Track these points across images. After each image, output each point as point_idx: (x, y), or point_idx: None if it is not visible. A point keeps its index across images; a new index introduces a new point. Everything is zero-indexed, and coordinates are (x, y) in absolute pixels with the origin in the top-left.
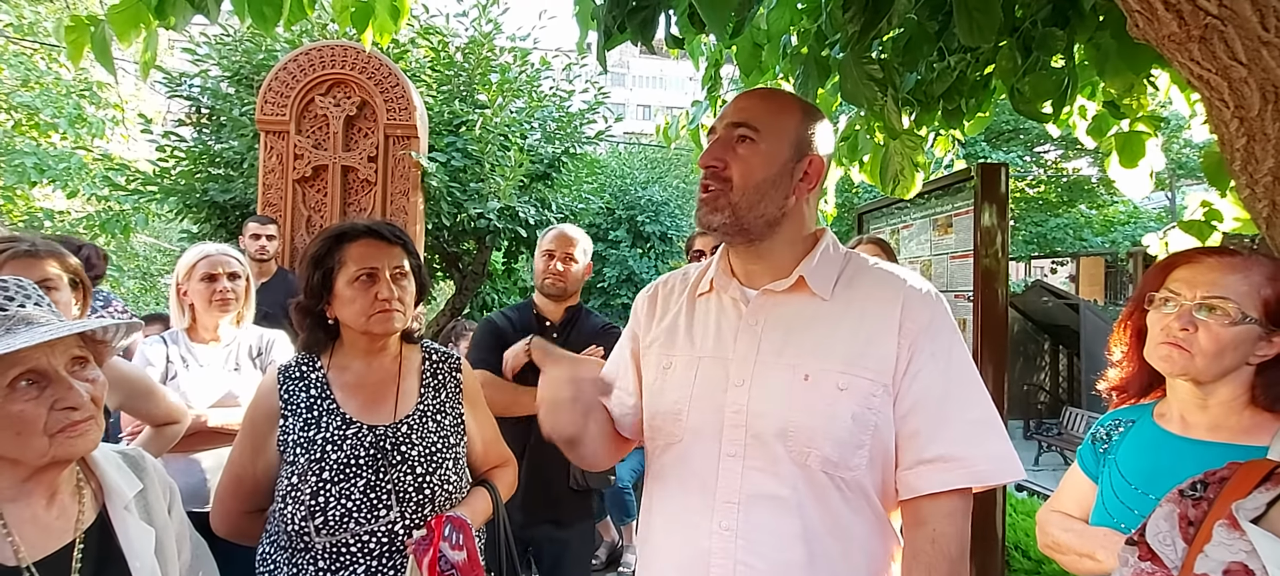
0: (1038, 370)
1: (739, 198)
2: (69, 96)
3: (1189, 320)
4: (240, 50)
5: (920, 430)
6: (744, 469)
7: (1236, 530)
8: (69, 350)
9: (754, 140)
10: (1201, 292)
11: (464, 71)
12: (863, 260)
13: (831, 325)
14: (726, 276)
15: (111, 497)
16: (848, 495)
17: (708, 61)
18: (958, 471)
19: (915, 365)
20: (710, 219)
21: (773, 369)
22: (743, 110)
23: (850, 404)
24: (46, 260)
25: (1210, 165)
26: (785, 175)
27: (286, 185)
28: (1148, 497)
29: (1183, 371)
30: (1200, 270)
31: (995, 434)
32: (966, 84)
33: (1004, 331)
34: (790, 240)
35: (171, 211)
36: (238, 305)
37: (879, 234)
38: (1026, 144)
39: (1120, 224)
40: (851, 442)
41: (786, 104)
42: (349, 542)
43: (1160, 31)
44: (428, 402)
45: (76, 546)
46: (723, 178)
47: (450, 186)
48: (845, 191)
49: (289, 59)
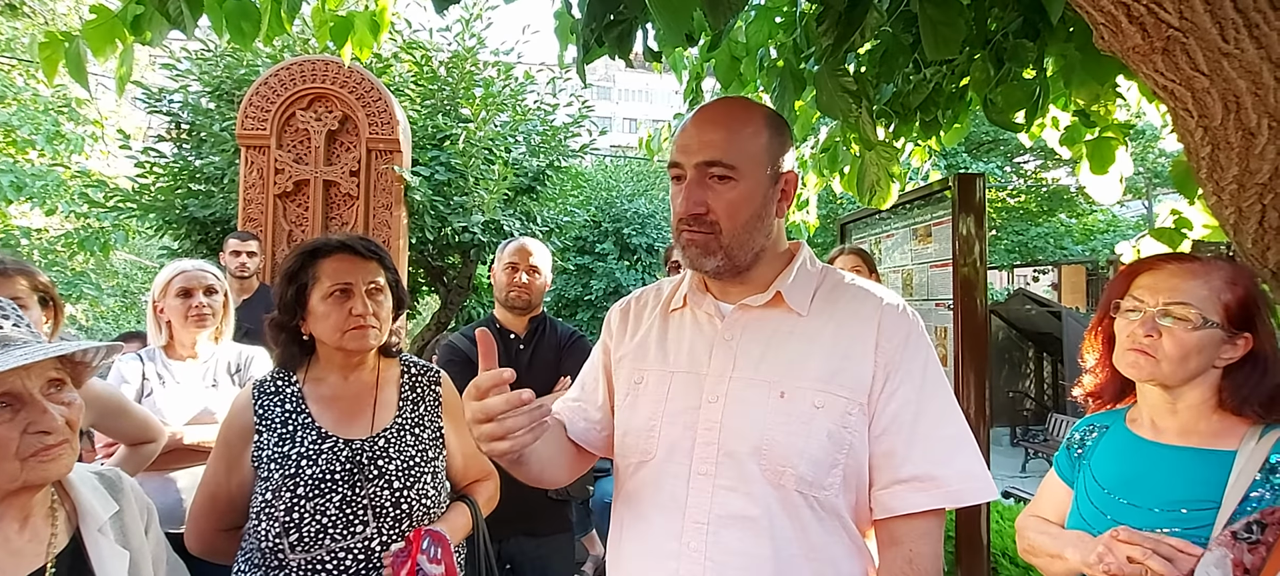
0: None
1: (730, 240)
2: (47, 113)
3: (1153, 326)
4: (221, 65)
5: (895, 450)
6: (715, 488)
7: None
8: (46, 372)
9: (733, 179)
10: (1163, 299)
11: (447, 86)
12: (839, 276)
13: (808, 342)
14: (700, 292)
15: (85, 520)
16: (821, 515)
17: (690, 75)
18: (932, 492)
19: (891, 384)
20: (703, 263)
21: (748, 386)
22: (712, 146)
23: (826, 422)
24: (15, 278)
25: (1179, 173)
26: (768, 204)
27: (267, 200)
28: (1120, 502)
29: (1150, 377)
30: (1161, 277)
31: (969, 453)
32: (943, 96)
33: (984, 339)
34: (770, 259)
35: (151, 228)
36: (215, 321)
37: (861, 243)
38: (1006, 154)
39: (1099, 232)
40: (827, 461)
41: (753, 128)
42: (324, 559)
43: (1125, 44)
44: (406, 416)
45: (47, 570)
46: (708, 222)
47: (434, 200)
48: (829, 202)
49: (270, 73)
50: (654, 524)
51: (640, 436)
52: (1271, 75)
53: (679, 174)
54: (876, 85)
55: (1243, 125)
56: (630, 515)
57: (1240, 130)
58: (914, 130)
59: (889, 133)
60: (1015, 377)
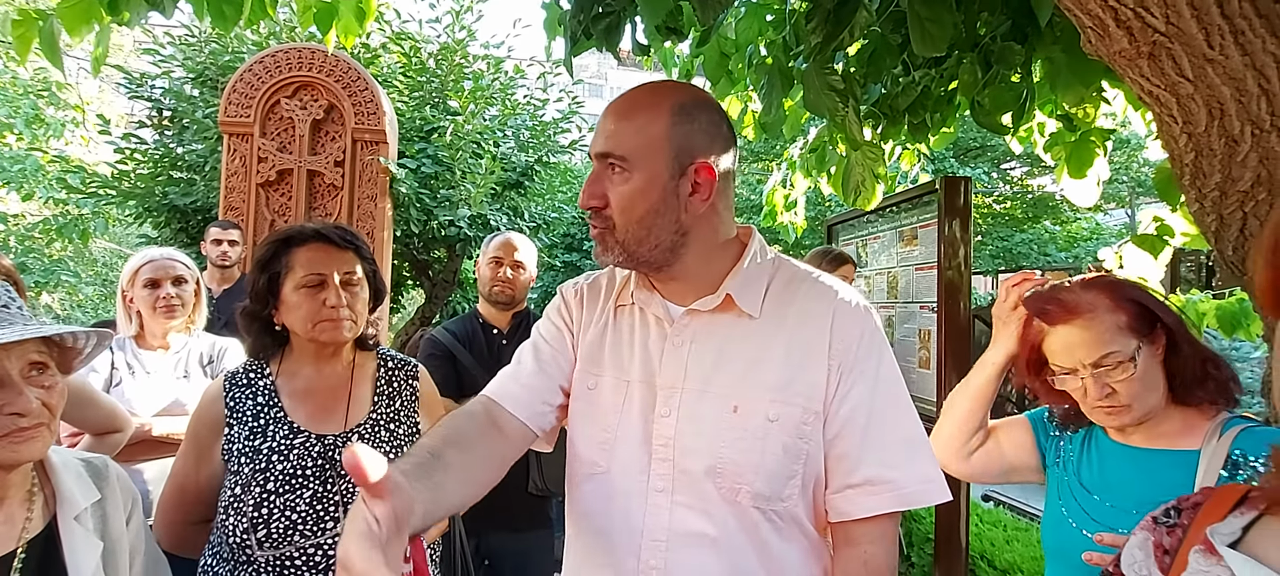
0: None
1: (624, 235)
2: (26, 96)
3: (1102, 386)
4: (205, 51)
5: (848, 453)
6: (672, 505)
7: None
8: (26, 355)
9: (625, 170)
10: (1083, 358)
11: (436, 78)
12: (792, 267)
13: (760, 348)
14: (647, 291)
15: (63, 506)
16: (779, 525)
17: (680, 72)
18: (886, 495)
19: (844, 386)
20: (604, 259)
21: (700, 399)
22: (607, 136)
23: (781, 435)
24: None
25: (1161, 180)
26: (670, 197)
27: (250, 189)
28: (1104, 504)
29: (1135, 421)
30: (1067, 339)
31: (922, 455)
32: (931, 99)
33: (967, 342)
34: (703, 254)
35: (131, 216)
36: (185, 312)
37: (847, 245)
38: (993, 161)
39: (1083, 240)
40: (783, 474)
41: (652, 115)
42: (293, 556)
43: (1111, 48)
44: (381, 411)
45: (17, 555)
46: (604, 216)
47: (420, 193)
48: (817, 204)
49: (255, 60)
50: (610, 540)
51: (592, 447)
52: (1255, 82)
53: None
54: (864, 85)
55: (1226, 132)
56: (585, 529)
57: (1223, 137)
58: (902, 132)
59: (876, 134)
60: None
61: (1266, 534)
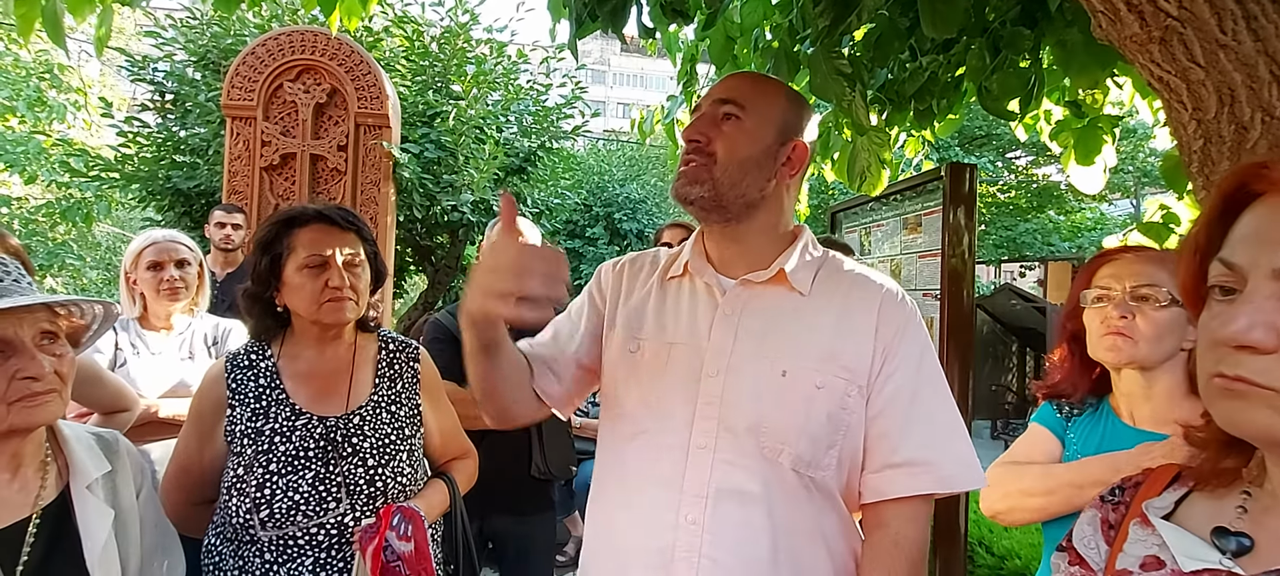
0: (1005, 371)
1: (721, 173)
2: (28, 79)
3: (1126, 308)
4: (208, 34)
5: (888, 433)
6: (714, 461)
7: (1148, 526)
8: (38, 323)
9: (740, 118)
10: (1130, 283)
11: (439, 62)
12: (839, 261)
13: (811, 322)
14: (702, 261)
15: (75, 476)
16: (815, 495)
17: (684, 57)
18: (924, 477)
19: (888, 368)
20: (688, 191)
21: (750, 361)
22: (730, 88)
23: (826, 403)
24: None
25: (1168, 168)
26: (769, 157)
27: (253, 173)
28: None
29: (1130, 359)
30: (1124, 264)
31: (961, 440)
32: (938, 84)
33: (970, 330)
34: (767, 228)
35: (134, 199)
36: (188, 294)
37: (851, 233)
38: (998, 149)
39: (1087, 229)
40: (825, 442)
41: (773, 87)
42: (296, 536)
43: (1122, 32)
44: (383, 393)
45: (32, 521)
46: (706, 152)
47: (423, 178)
48: (820, 191)
49: (257, 43)
50: (649, 496)
51: (635, 406)
52: (1267, 69)
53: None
54: (871, 70)
55: (1236, 119)
56: (620, 485)
57: (1233, 124)
58: (908, 118)
59: (882, 120)
60: (998, 371)
61: (1194, 507)
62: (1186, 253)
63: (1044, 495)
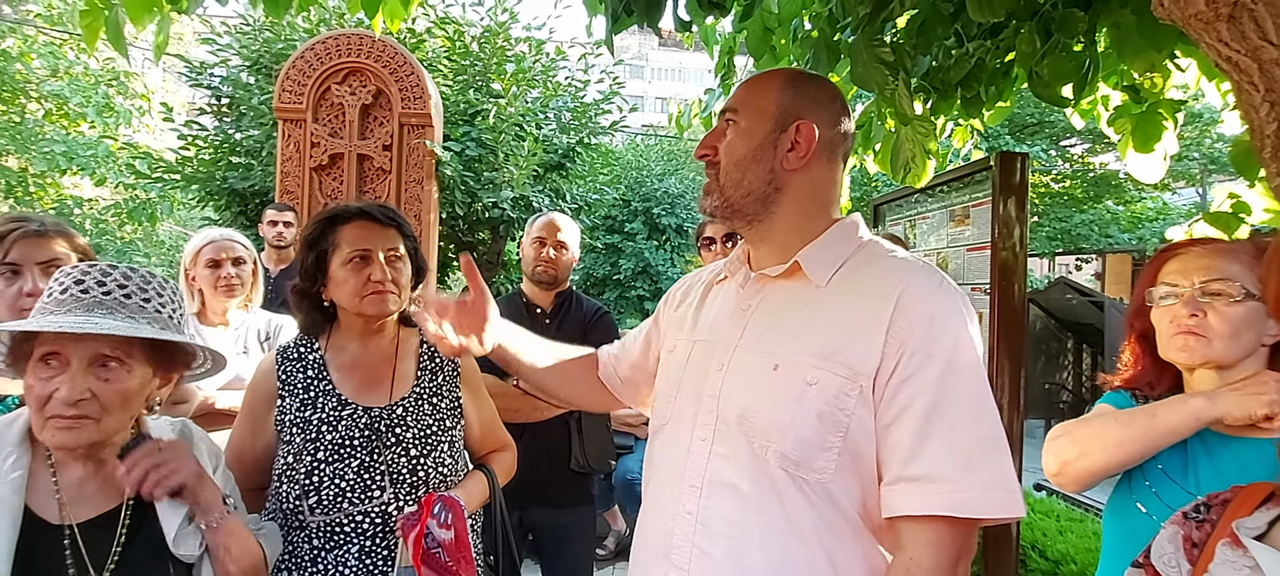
0: (1061, 369)
1: (725, 177)
2: (97, 86)
3: (1195, 306)
4: (260, 40)
5: (902, 442)
6: (711, 453)
7: (1239, 547)
8: (98, 347)
9: (736, 121)
10: (1198, 278)
11: (479, 61)
12: (879, 248)
13: (816, 314)
14: (739, 261)
15: None
16: (814, 500)
17: (721, 49)
18: (940, 496)
19: (905, 368)
20: (704, 204)
21: (748, 354)
22: (733, 96)
23: (817, 401)
24: (54, 239)
25: (1238, 155)
26: (768, 146)
27: (304, 173)
28: (1182, 490)
29: (1203, 358)
30: (1190, 259)
31: (994, 459)
32: (985, 71)
33: (1021, 326)
34: (793, 219)
35: (194, 199)
36: (244, 291)
37: (895, 226)
38: (1052, 137)
39: (1148, 220)
40: (816, 443)
41: (767, 79)
42: (342, 522)
43: (1186, 11)
44: (424, 385)
45: (124, 510)
46: (714, 163)
47: (464, 176)
48: (863, 184)
49: (306, 48)
50: (662, 485)
51: (662, 402)
52: None
53: None
54: (913, 57)
55: None
56: (650, 477)
57: None
58: (954, 107)
59: (926, 109)
60: (1052, 369)
61: None
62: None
63: (1118, 430)
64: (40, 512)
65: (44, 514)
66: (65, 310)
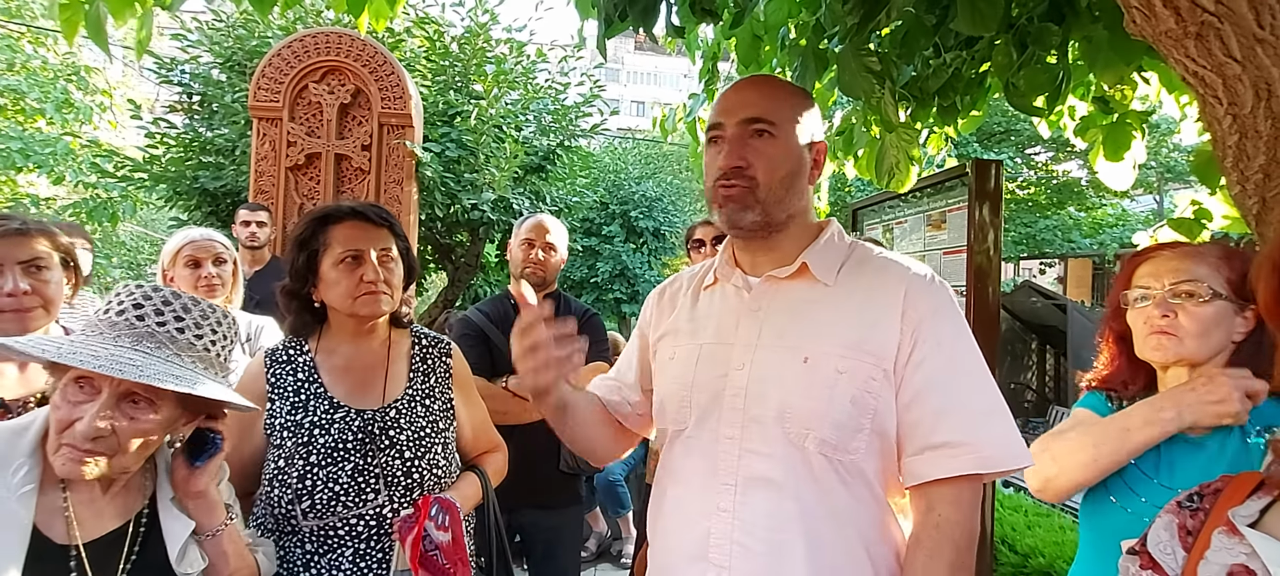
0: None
1: (767, 194)
2: (56, 81)
3: (1167, 307)
4: (232, 36)
5: (924, 417)
6: (741, 451)
7: (1235, 535)
8: (131, 385)
9: (773, 135)
10: (1169, 280)
11: (459, 62)
12: (867, 249)
13: (833, 310)
14: (730, 266)
15: (161, 486)
16: (847, 480)
17: (705, 56)
18: (964, 457)
19: (919, 352)
20: (741, 217)
21: (772, 352)
22: (753, 105)
23: (849, 387)
24: (36, 238)
25: (1200, 163)
26: (804, 164)
27: (279, 173)
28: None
29: (1176, 357)
30: (1161, 262)
31: (1000, 420)
32: (962, 81)
33: (995, 327)
34: (800, 227)
35: (161, 199)
36: (225, 291)
37: (872, 230)
38: (1018, 145)
39: (1108, 226)
40: (850, 425)
41: (797, 96)
42: (336, 526)
43: (1157, 28)
44: (417, 387)
45: (129, 528)
46: (748, 176)
47: (444, 177)
48: (839, 189)
49: (283, 45)
50: (689, 488)
51: (674, 407)
52: None
53: (718, 135)
54: (898, 66)
55: (1272, 113)
56: (668, 481)
57: (1270, 118)
58: (931, 115)
59: (907, 116)
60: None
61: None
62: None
63: (1092, 447)
64: (46, 530)
65: (50, 532)
66: (116, 334)
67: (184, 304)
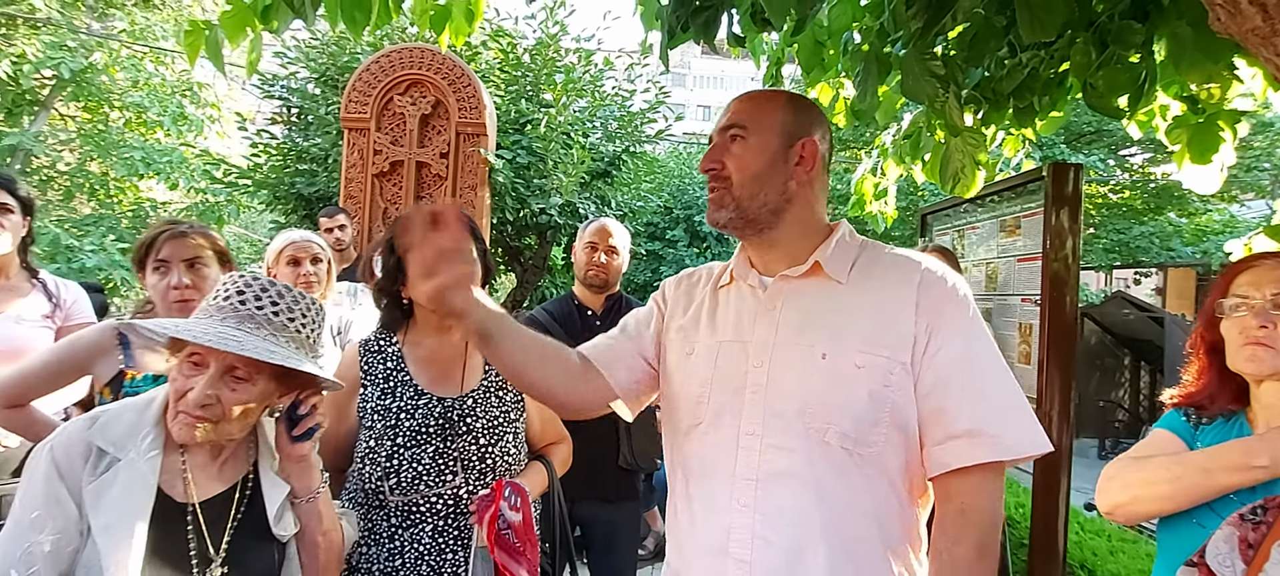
0: (1116, 386)
1: (739, 191)
2: (173, 96)
3: (1266, 317)
4: (327, 53)
5: (944, 407)
6: (762, 447)
7: None
8: (232, 360)
9: (744, 137)
10: (1270, 290)
11: (531, 72)
12: (880, 248)
13: (848, 307)
14: (745, 266)
15: (263, 455)
16: (868, 472)
17: (769, 61)
18: (985, 445)
19: (934, 344)
20: (717, 216)
21: (791, 349)
22: (732, 113)
23: (867, 381)
24: (195, 237)
25: None
26: (779, 161)
27: (366, 179)
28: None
29: (1273, 369)
30: (1263, 271)
31: (1019, 410)
32: (1039, 81)
33: (1072, 339)
34: (800, 227)
35: (262, 203)
36: (320, 288)
37: (943, 236)
38: (1110, 147)
39: (1214, 233)
40: (869, 419)
41: (771, 98)
42: (418, 504)
43: (1243, 26)
44: (492, 379)
45: (236, 492)
46: (722, 177)
47: (515, 182)
48: (909, 193)
49: (371, 61)
50: (708, 484)
51: (691, 403)
52: None
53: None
54: (965, 69)
55: None
56: (685, 478)
57: None
58: (1006, 117)
59: (977, 120)
60: (1108, 386)
61: None
62: None
63: (1170, 482)
64: (167, 490)
65: (171, 491)
66: (222, 316)
67: (278, 291)
